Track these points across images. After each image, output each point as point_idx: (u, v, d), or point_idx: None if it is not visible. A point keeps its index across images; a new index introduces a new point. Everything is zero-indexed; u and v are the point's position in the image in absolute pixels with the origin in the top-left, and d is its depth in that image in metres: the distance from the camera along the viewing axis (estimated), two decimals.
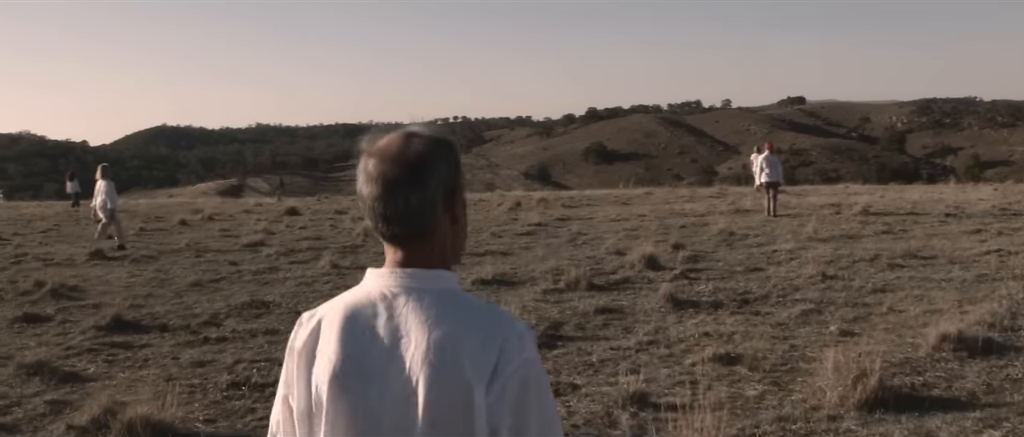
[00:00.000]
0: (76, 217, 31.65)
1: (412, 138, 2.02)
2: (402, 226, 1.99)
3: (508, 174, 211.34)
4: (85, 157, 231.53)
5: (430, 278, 2.00)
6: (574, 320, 10.86)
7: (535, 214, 26.06)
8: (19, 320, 11.68)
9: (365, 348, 1.98)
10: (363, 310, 2.01)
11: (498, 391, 1.88)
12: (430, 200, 1.98)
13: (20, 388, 8.55)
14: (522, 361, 1.91)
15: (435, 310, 1.96)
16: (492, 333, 1.93)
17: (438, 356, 1.91)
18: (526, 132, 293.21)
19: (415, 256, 2.02)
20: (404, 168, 1.97)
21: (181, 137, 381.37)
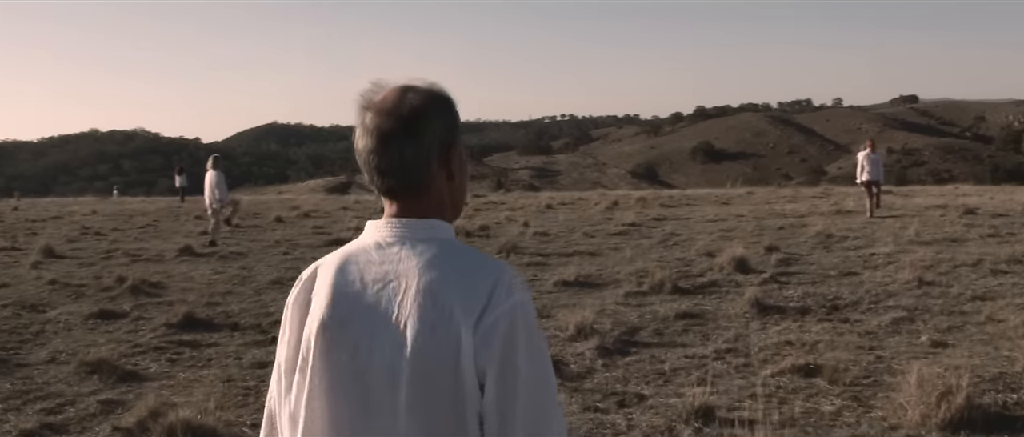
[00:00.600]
0: (176, 213, 32.01)
1: (408, 92, 2.03)
2: (396, 179, 2.01)
3: (615, 173, 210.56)
4: (197, 154, 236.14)
5: (424, 227, 2.02)
6: (653, 325, 10.42)
7: (631, 214, 25.54)
8: (94, 316, 11.63)
9: (357, 293, 2.00)
10: (357, 258, 2.04)
11: (485, 331, 1.88)
12: (425, 153, 2.00)
13: (77, 386, 8.41)
14: (511, 304, 1.91)
15: (427, 257, 1.97)
16: (482, 276, 1.94)
17: (427, 299, 1.92)
18: (633, 130, 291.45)
19: (410, 208, 2.04)
20: (399, 121, 1.99)
21: (291, 134, 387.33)
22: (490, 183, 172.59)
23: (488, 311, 1.89)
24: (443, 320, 1.90)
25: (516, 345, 1.89)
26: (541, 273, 14.44)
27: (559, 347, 9.39)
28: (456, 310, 1.90)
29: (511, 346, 1.89)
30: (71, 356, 9.49)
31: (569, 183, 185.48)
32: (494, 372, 1.88)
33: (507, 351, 1.88)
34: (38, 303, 12.81)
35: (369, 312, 1.97)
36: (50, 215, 32.80)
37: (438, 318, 1.90)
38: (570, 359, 8.94)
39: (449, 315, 1.90)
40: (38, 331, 10.98)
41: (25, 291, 13.98)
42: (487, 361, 1.88)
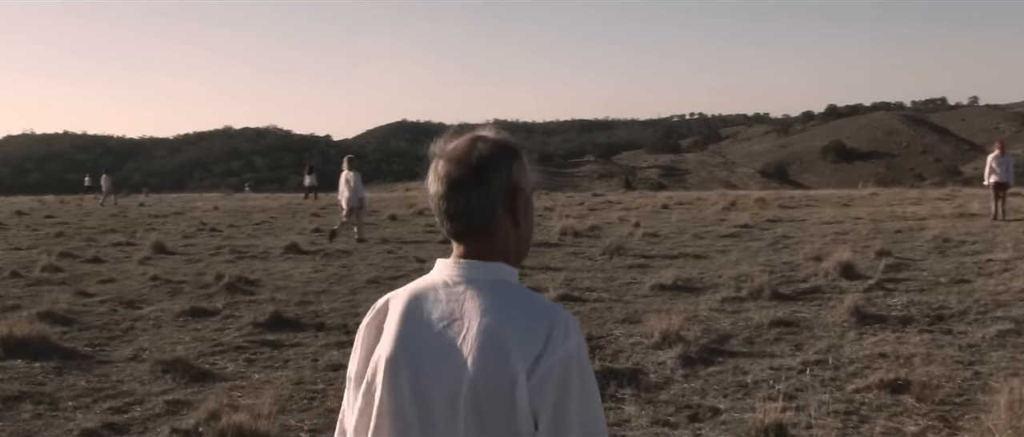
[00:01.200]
0: (293, 209, 32.38)
1: (478, 141, 2.15)
2: (463, 223, 2.12)
3: (744, 172, 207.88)
4: (328, 151, 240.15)
5: (488, 270, 2.12)
6: (744, 333, 10.00)
7: (746, 215, 24.92)
8: (185, 314, 11.68)
9: (423, 329, 2.11)
10: (426, 295, 2.15)
11: (541, 376, 1.98)
12: (491, 200, 2.11)
13: (149, 386, 8.39)
14: (566, 350, 2.00)
15: (489, 299, 2.08)
16: (539, 321, 2.03)
17: (486, 340, 2.02)
18: (763, 129, 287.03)
19: (476, 250, 2.14)
20: (468, 169, 2.10)
21: (420, 132, 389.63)
22: (618, 181, 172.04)
23: (544, 357, 1.99)
24: (501, 363, 2.00)
25: (569, 391, 2.00)
26: (641, 276, 14.07)
27: (640, 355, 9.06)
28: (513, 354, 2.00)
29: (564, 392, 1.99)
30: (152, 354, 9.48)
31: (698, 182, 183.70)
32: (547, 416, 1.99)
33: (560, 396, 1.99)
34: (136, 299, 12.94)
35: (433, 348, 2.09)
36: (173, 211, 33.61)
37: (496, 360, 2.01)
38: (650, 368, 8.60)
39: (507, 358, 2.00)
40: (128, 328, 11.06)
41: (127, 287, 14.17)
42: (541, 405, 1.99)
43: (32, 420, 7.46)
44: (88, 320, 11.48)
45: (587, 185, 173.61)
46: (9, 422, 7.42)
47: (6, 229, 26.96)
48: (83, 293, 13.54)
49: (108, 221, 29.49)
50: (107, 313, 11.97)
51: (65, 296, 13.20)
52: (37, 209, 36.37)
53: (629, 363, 8.79)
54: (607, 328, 10.42)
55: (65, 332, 10.70)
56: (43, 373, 8.84)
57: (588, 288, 13.17)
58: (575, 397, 2.00)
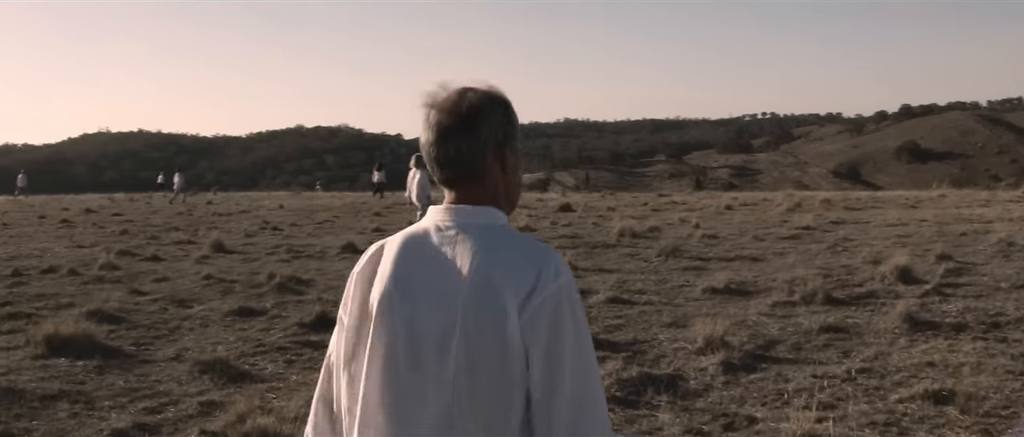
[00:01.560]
0: (357, 208, 32.49)
1: (467, 92, 2.25)
2: (453, 169, 2.22)
3: (816, 172, 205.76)
4: (399, 150, 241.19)
5: (479, 214, 2.22)
6: (792, 339, 9.77)
7: (810, 217, 24.50)
8: (233, 313, 11.70)
9: (415, 270, 2.18)
10: (418, 239, 2.24)
11: (532, 311, 2.05)
12: (480, 147, 2.20)
13: (186, 386, 8.39)
14: (557, 286, 2.07)
15: (480, 240, 2.16)
16: (529, 259, 2.11)
17: (477, 279, 2.09)
18: (836, 129, 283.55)
19: (467, 196, 2.24)
20: (457, 118, 2.19)
21: None
22: (688, 181, 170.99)
23: (535, 293, 2.07)
24: (491, 300, 2.07)
25: (562, 327, 2.06)
26: (694, 278, 13.84)
27: (682, 361, 8.88)
28: (504, 291, 2.07)
29: (557, 328, 2.06)
30: (193, 354, 9.48)
31: (769, 182, 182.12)
32: (540, 351, 2.05)
33: (553, 331, 2.06)
34: (187, 298, 13.01)
35: (426, 287, 2.15)
36: (239, 209, 33.86)
37: (487, 298, 2.07)
38: (690, 374, 8.42)
39: (497, 295, 2.07)
40: (175, 327, 11.10)
41: (180, 286, 14.25)
42: (533, 340, 2.05)
43: (67, 419, 7.48)
44: (137, 319, 11.55)
45: (657, 185, 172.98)
46: (44, 421, 7.44)
47: (73, 226, 27.35)
48: (137, 291, 13.64)
49: (173, 219, 29.81)
50: (157, 312, 12.04)
51: (118, 294, 13.32)
52: (106, 207, 36.86)
53: (670, 369, 8.63)
54: (652, 332, 10.26)
55: (112, 331, 10.77)
56: (84, 372, 8.88)
57: (639, 290, 13.00)
58: (568, 334, 2.07)
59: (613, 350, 9.36)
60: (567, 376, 2.05)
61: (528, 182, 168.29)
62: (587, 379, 2.10)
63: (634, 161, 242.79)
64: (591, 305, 11.85)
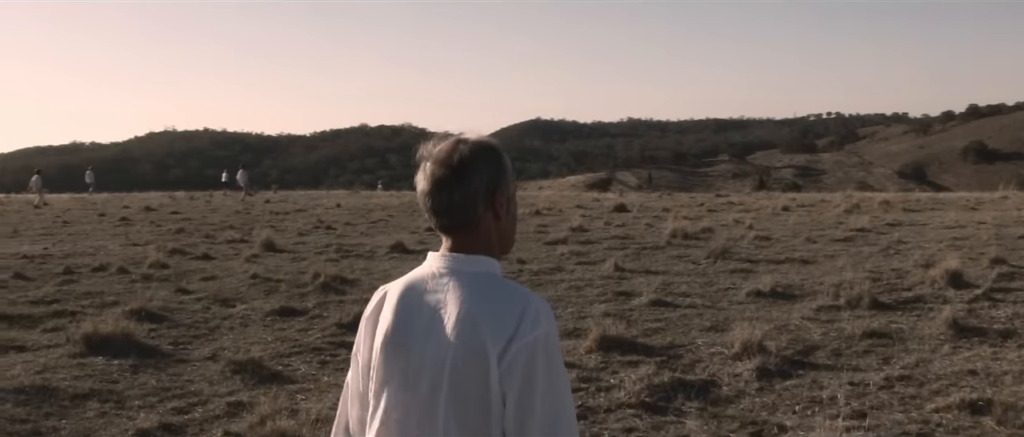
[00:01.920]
0: (412, 208, 32.47)
1: (459, 144, 2.36)
2: (448, 218, 2.35)
3: (881, 172, 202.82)
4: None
5: (471, 262, 2.35)
6: (833, 344, 9.56)
7: (866, 218, 24.09)
8: (274, 313, 11.72)
9: (412, 317, 2.35)
10: (417, 285, 2.39)
11: (510, 359, 2.19)
12: (471, 197, 2.32)
13: (217, 386, 8.40)
14: (533, 336, 2.20)
15: (469, 288, 2.30)
16: (512, 308, 2.24)
17: (463, 327, 2.24)
18: (901, 129, 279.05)
19: (461, 243, 2.37)
20: (449, 169, 2.30)
21: (554, 130, 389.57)
22: (751, 182, 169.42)
23: (514, 341, 2.20)
24: (477, 346, 2.22)
25: (535, 375, 2.19)
26: (741, 281, 13.62)
27: (718, 366, 8.72)
28: (487, 338, 2.21)
29: (530, 376, 2.19)
30: (228, 354, 9.47)
31: (833, 182, 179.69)
32: (514, 396, 2.19)
33: (525, 380, 2.19)
34: (231, 298, 13.05)
35: (422, 333, 2.32)
36: (296, 208, 34.00)
37: (473, 344, 2.22)
38: (724, 380, 8.26)
39: (482, 342, 2.21)
40: (215, 327, 11.13)
41: (226, 285, 14.31)
42: (508, 386, 2.20)
43: (95, 418, 7.51)
44: (179, 318, 11.59)
45: (720, 185, 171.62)
46: (73, 420, 7.47)
47: (131, 225, 27.62)
48: (182, 290, 13.70)
49: (230, 218, 30.00)
50: (200, 311, 12.09)
51: (164, 293, 13.40)
52: (166, 205, 37.18)
53: (704, 374, 8.47)
54: (690, 336, 10.09)
55: (153, 330, 10.82)
56: (118, 371, 8.91)
57: (683, 293, 12.82)
58: (540, 382, 2.20)
59: (648, 354, 9.21)
60: (537, 421, 2.19)
61: (589, 181, 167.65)
62: (554, 423, 2.21)
63: (697, 161, 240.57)
64: (632, 308, 11.72)
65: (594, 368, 8.74)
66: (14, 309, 12.18)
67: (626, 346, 9.46)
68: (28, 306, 12.53)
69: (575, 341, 9.79)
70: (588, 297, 12.65)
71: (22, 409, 7.69)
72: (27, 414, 7.58)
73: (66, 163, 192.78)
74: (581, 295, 12.83)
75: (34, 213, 34.42)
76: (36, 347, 10.03)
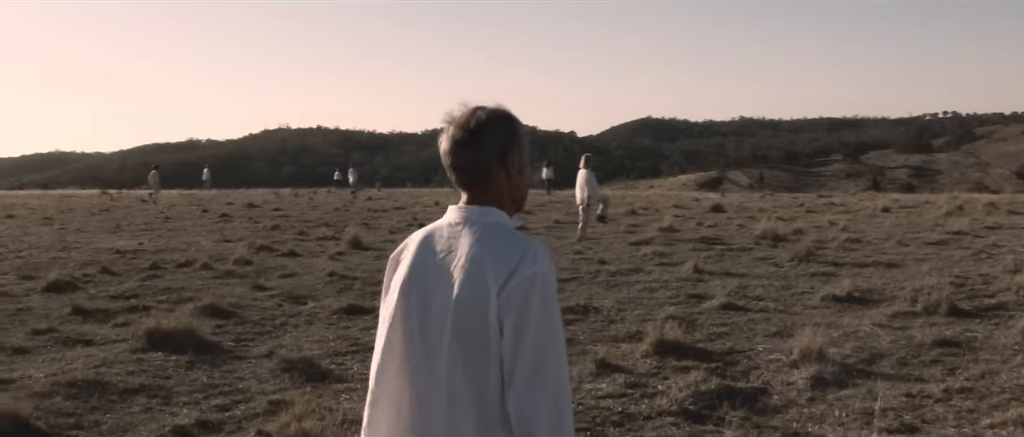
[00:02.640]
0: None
1: (477, 110, 2.63)
2: (465, 175, 2.62)
3: (999, 173, 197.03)
4: (572, 147, 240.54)
5: (483, 213, 2.61)
6: (900, 352, 9.15)
7: (966, 221, 23.29)
8: (342, 311, 11.68)
9: (427, 258, 2.62)
10: (434, 233, 2.68)
11: (508, 292, 2.42)
12: (485, 157, 2.59)
13: (265, 384, 8.36)
14: (530, 273, 2.44)
15: (478, 235, 2.56)
16: (512, 251, 2.49)
17: (469, 266, 2.50)
18: (1021, 128, 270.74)
19: (476, 197, 2.64)
20: (467, 132, 2.58)
21: (665, 129, 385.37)
22: (865, 182, 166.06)
23: (513, 277, 2.44)
24: (478, 283, 2.47)
25: (530, 306, 2.43)
26: (820, 285, 13.13)
27: (772, 374, 8.40)
28: (489, 276, 2.46)
29: (526, 306, 2.42)
30: (284, 352, 9.41)
31: (949, 183, 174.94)
32: (510, 325, 2.43)
33: (521, 310, 2.42)
34: (304, 295, 13.07)
35: (433, 273, 2.59)
36: (395, 206, 34.19)
37: (475, 282, 2.47)
38: (776, 388, 7.94)
39: (483, 280, 2.46)
40: (281, 324, 11.14)
41: (303, 282, 14.36)
42: (506, 315, 2.43)
43: (139, 414, 7.50)
44: (248, 315, 11.63)
45: (833, 185, 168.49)
46: (116, 414, 7.47)
47: (230, 221, 28.06)
48: (259, 287, 13.76)
49: (328, 215, 30.29)
50: (271, 308, 12.12)
51: (240, 290, 13.49)
52: (270, 202, 37.74)
53: (756, 382, 8.16)
54: (754, 342, 9.75)
55: (219, 326, 10.86)
56: (173, 367, 8.92)
57: (757, 297, 12.45)
58: (534, 312, 2.43)
59: (703, 360, 8.91)
60: (528, 345, 2.42)
61: (700, 181, 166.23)
62: (545, 348, 2.43)
63: (809, 160, 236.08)
64: (701, 311, 11.42)
65: (645, 373, 8.48)
66: (92, 303, 12.36)
67: (683, 351, 9.17)
68: (106, 301, 12.71)
69: (633, 345, 9.55)
70: (659, 299, 12.37)
71: (71, 403, 7.73)
72: (74, 407, 7.62)
73: (182, 160, 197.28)
74: (652, 297, 12.55)
75: (141, 207, 35.22)
76: (103, 341, 10.13)
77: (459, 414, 2.51)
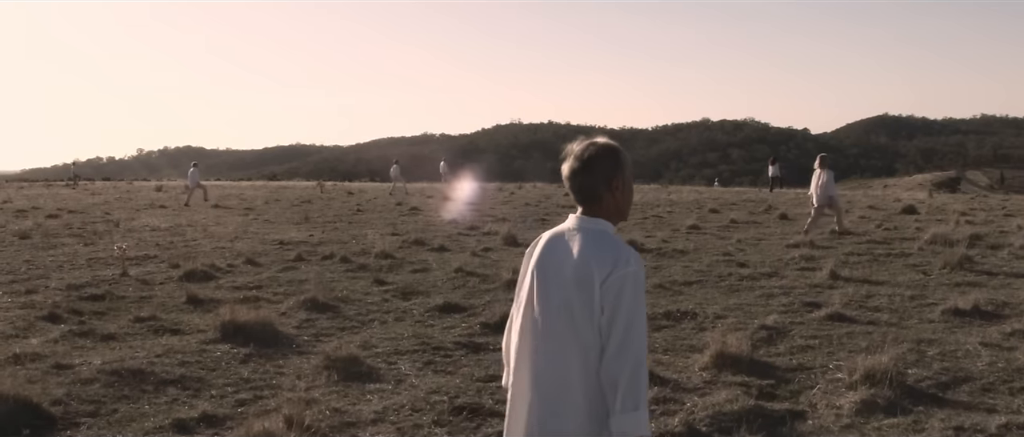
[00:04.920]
0: (697, 204, 31.39)
1: (590, 145, 3.32)
2: (580, 196, 3.33)
3: None
4: (805, 145, 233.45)
5: (593, 222, 3.31)
6: (991, 377, 8.09)
7: None
8: (436, 309, 11.41)
9: (551, 254, 3.35)
10: (558, 234, 3.39)
11: (607, 285, 3.13)
12: (595, 182, 3.28)
13: (301, 381, 8.12)
14: (624, 273, 3.13)
15: (588, 240, 3.26)
16: (611, 254, 3.18)
17: (580, 263, 3.20)
18: None
19: (588, 211, 3.35)
20: (580, 163, 3.29)
21: (901, 127, 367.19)
22: None
23: (612, 274, 3.12)
24: (586, 276, 3.16)
25: (623, 297, 3.11)
26: (957, 296, 11.75)
27: (824, 395, 7.56)
28: (594, 272, 3.15)
29: (619, 297, 3.11)
30: (342, 350, 9.10)
31: None
32: (609, 307, 3.12)
33: (617, 299, 3.11)
34: (417, 291, 12.84)
35: (555, 265, 3.29)
36: None
37: (584, 275, 3.17)
38: (818, 412, 7.14)
39: (590, 273, 3.15)
40: (371, 319, 10.97)
41: (428, 278, 14.17)
42: (606, 301, 3.13)
43: (161, 404, 7.42)
44: (345, 310, 11.47)
45: None
46: (136, 404, 7.42)
47: (417, 214, 28.31)
48: (380, 281, 13.60)
49: (518, 209, 30.12)
50: (376, 303, 11.93)
51: (361, 284, 13.35)
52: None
53: (802, 404, 7.34)
54: (833, 359, 8.81)
55: (308, 320, 10.78)
56: (226, 359, 8.83)
57: (874, 307, 11.38)
58: (626, 302, 3.11)
59: (760, 376, 8.12)
60: (619, 326, 3.10)
61: (936, 180, 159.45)
62: (630, 330, 3.10)
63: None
64: (802, 321, 10.56)
65: (689, 387, 7.78)
66: (212, 293, 12.50)
67: (744, 365, 8.38)
68: (227, 291, 12.83)
69: (696, 356, 8.81)
70: (769, 307, 11.47)
71: (105, 390, 7.74)
72: (104, 395, 7.63)
73: (417, 153, 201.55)
74: (764, 305, 11.66)
75: (343, 199, 36.06)
76: (190, 331, 10.15)
77: (571, 369, 3.23)
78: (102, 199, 38.72)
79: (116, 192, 47.06)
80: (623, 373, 3.09)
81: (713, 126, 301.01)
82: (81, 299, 12.20)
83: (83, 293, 12.65)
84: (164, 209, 32.23)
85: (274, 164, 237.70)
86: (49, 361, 8.68)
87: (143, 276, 14.39)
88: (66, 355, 8.97)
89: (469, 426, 6.89)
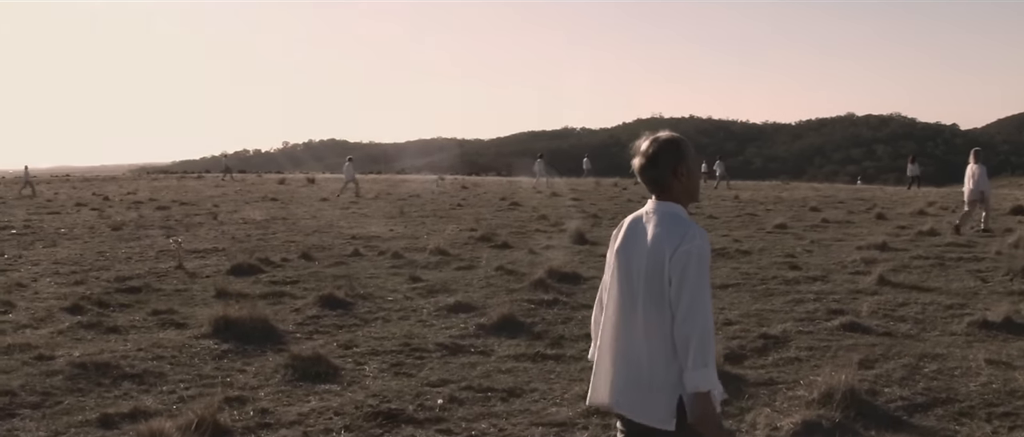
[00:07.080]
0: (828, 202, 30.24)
1: (653, 141, 3.67)
2: (650, 186, 3.64)
3: None
4: (953, 141, 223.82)
5: (665, 206, 3.62)
6: (981, 398, 7.35)
7: None
8: (447, 308, 11.16)
9: (632, 234, 3.67)
10: (638, 217, 3.72)
11: (675, 259, 3.41)
12: (662, 172, 3.60)
13: (256, 378, 7.95)
14: (688, 248, 3.40)
15: (661, 220, 3.57)
16: (679, 232, 3.47)
17: (654, 241, 3.52)
18: None
19: (661, 196, 3.64)
20: (646, 158, 3.63)
21: None
22: None
23: (679, 249, 3.41)
24: (659, 252, 3.47)
25: (688, 269, 3.38)
26: (999, 306, 10.82)
27: (769, 415, 6.88)
28: (665, 247, 3.45)
29: (685, 269, 3.38)
30: (323, 348, 8.91)
31: None
32: (676, 280, 3.39)
33: (682, 271, 3.39)
34: (446, 290, 12.50)
35: (635, 244, 3.61)
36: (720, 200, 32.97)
37: (657, 250, 3.48)
38: (754, 433, 6.48)
39: (661, 250, 3.46)
40: (376, 318, 10.71)
41: (466, 277, 13.84)
42: (673, 273, 3.41)
43: (113, 398, 7.37)
44: (360, 307, 11.24)
45: None
46: (82, 397, 7.38)
47: (510, 211, 27.96)
48: (415, 278, 13.33)
49: (609, 206, 29.53)
50: (397, 300, 11.71)
51: (395, 281, 13.09)
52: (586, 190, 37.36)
53: (743, 424, 6.72)
54: (810, 375, 8.05)
55: (314, 317, 10.60)
56: (202, 355, 8.74)
57: (900, 317, 10.53)
58: (692, 272, 3.37)
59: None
60: (686, 294, 3.36)
61: None
62: (695, 297, 3.36)
63: None
64: (813, 331, 9.86)
65: None
66: (246, 288, 12.43)
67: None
68: (265, 285, 12.78)
69: None
70: (791, 314, 10.75)
71: (63, 382, 7.74)
72: (57, 387, 7.60)
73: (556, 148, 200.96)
74: (787, 311, 10.91)
75: (451, 192, 35.96)
76: (193, 326, 10.03)
77: (650, 333, 3.49)
78: (233, 189, 39.46)
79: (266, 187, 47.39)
80: (693, 334, 3.37)
81: (858, 121, 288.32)
82: (119, 291, 12.28)
83: (124, 285, 12.72)
84: (275, 201, 32.66)
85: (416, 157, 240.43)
86: (34, 352, 8.67)
87: (196, 269, 14.44)
88: (55, 346, 8.97)
89: (376, 433, 6.51)
